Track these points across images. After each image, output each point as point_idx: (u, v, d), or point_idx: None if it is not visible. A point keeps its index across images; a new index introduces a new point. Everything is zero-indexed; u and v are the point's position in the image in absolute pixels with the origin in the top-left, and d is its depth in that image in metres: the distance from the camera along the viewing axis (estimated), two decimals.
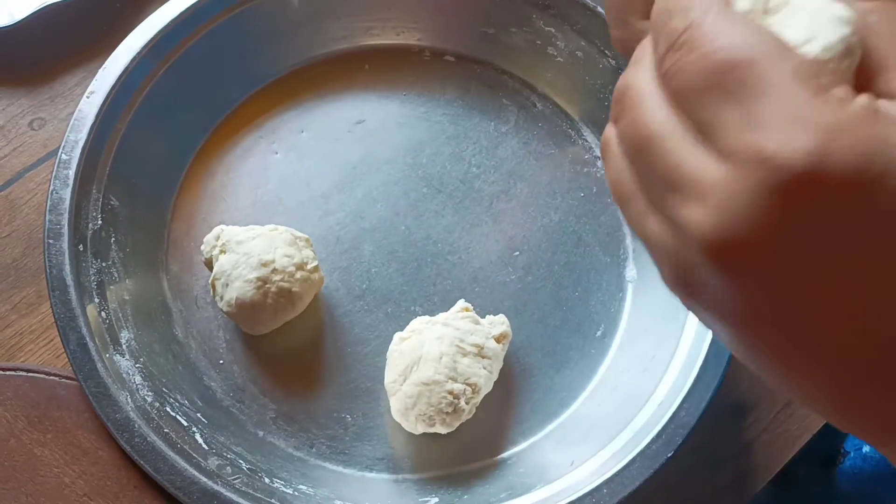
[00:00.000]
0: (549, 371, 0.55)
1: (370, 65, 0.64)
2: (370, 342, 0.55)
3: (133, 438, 0.48)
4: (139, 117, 0.57)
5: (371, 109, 0.63)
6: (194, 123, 0.61)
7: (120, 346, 0.51)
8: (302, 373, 0.55)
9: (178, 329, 0.55)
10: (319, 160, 0.61)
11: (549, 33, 0.62)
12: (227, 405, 0.53)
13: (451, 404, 0.50)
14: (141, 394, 0.50)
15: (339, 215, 0.59)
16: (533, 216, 0.60)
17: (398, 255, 0.58)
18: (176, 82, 0.59)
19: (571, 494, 0.48)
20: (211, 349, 0.55)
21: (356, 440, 0.53)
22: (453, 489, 0.51)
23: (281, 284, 0.52)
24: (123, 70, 0.57)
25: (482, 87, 0.64)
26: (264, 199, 0.59)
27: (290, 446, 0.53)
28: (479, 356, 0.51)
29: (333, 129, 0.62)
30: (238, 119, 0.62)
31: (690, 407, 0.49)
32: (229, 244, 0.53)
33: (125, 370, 0.51)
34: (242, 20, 0.61)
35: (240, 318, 0.53)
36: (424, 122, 0.61)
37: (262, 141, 0.61)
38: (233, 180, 0.60)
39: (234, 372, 0.54)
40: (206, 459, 0.49)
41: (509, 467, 0.52)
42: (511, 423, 0.54)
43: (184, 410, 0.51)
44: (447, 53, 0.65)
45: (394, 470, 0.53)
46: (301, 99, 0.63)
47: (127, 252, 0.55)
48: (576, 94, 0.63)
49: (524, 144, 0.62)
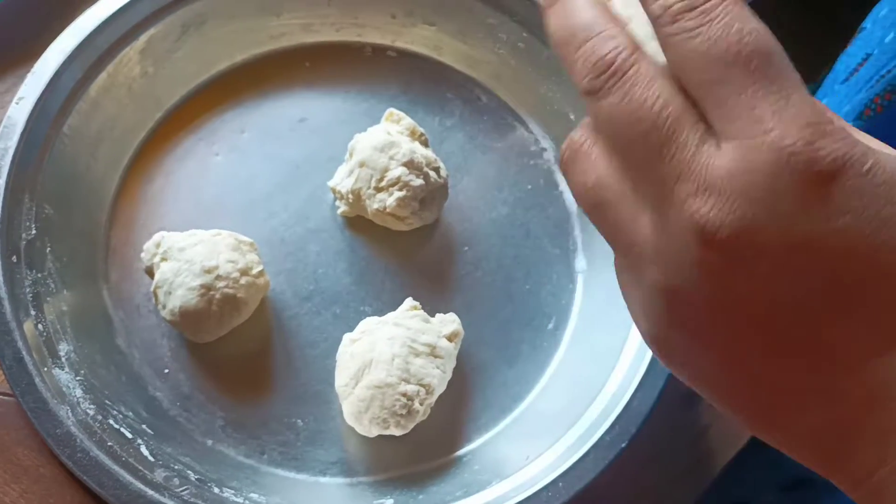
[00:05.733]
0: (501, 366, 0.55)
1: (310, 62, 0.63)
2: (319, 344, 0.54)
3: (75, 454, 0.46)
4: (71, 122, 0.55)
5: (313, 107, 0.62)
6: (130, 126, 0.59)
7: (59, 359, 0.50)
8: (250, 379, 0.54)
9: (121, 339, 0.54)
10: (261, 160, 0.60)
11: (490, 25, 0.62)
12: (174, 415, 0.52)
13: (405, 406, 0.49)
14: (82, 407, 0.48)
15: (283, 216, 0.58)
16: (481, 210, 0.59)
17: (345, 255, 0.57)
18: (109, 84, 0.57)
19: (527, 489, 0.48)
20: (155, 358, 0.54)
21: (308, 445, 0.52)
22: (409, 490, 0.51)
23: (225, 291, 0.51)
24: (54, 74, 0.55)
25: (425, 81, 0.63)
26: (206, 202, 0.58)
27: (240, 454, 0.51)
28: (432, 356, 0.51)
29: (275, 129, 0.61)
30: (176, 120, 0.60)
31: (643, 397, 0.49)
32: (170, 251, 0.52)
33: (65, 384, 0.49)
34: (176, 20, 0.59)
35: (184, 327, 0.52)
36: (368, 119, 0.60)
37: (202, 142, 0.60)
38: (172, 184, 0.58)
39: (180, 380, 0.53)
40: (153, 472, 0.47)
41: (465, 465, 0.52)
42: (465, 420, 0.54)
43: (128, 422, 0.50)
44: (388, 49, 0.64)
45: (348, 473, 0.52)
46: (241, 98, 0.62)
47: (64, 262, 0.54)
48: (519, 86, 0.63)
49: (470, 138, 0.62)
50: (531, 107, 0.63)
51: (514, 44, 0.62)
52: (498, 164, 0.61)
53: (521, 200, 0.60)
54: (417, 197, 0.55)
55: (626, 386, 0.50)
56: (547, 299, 0.57)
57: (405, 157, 0.55)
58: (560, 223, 0.59)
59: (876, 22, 0.56)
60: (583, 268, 0.58)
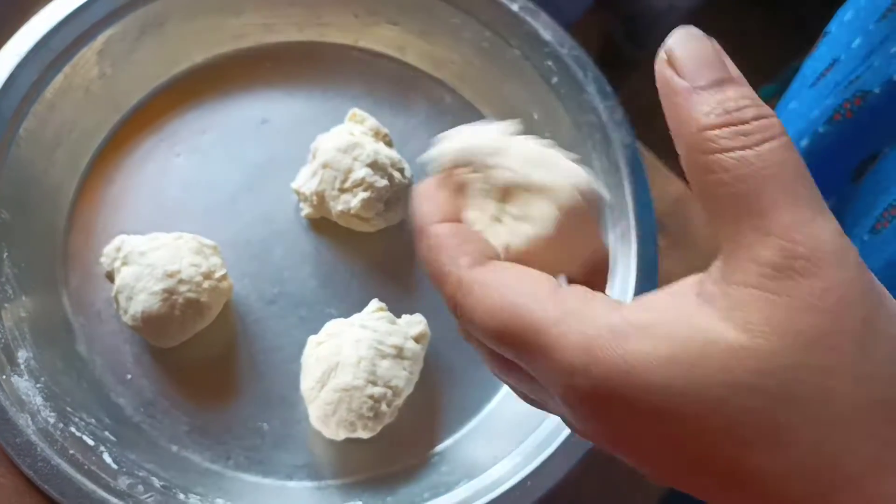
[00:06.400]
0: (468, 367, 0.55)
1: (272, 62, 0.63)
2: (284, 348, 0.54)
3: (36, 463, 0.45)
4: (27, 125, 0.54)
5: (275, 108, 0.61)
6: (88, 129, 0.58)
7: (18, 366, 0.49)
8: (215, 383, 0.53)
9: (82, 345, 0.53)
10: (224, 162, 0.59)
11: (454, 25, 0.62)
12: (137, 421, 0.51)
13: (372, 409, 0.49)
14: (43, 415, 0.47)
15: (246, 218, 0.57)
16: None
17: (310, 257, 0.57)
18: (66, 86, 0.56)
19: (496, 489, 0.48)
20: (117, 364, 0.53)
21: (274, 449, 0.52)
22: (377, 492, 0.50)
23: (188, 295, 0.50)
24: (8, 77, 0.54)
25: (389, 81, 0.63)
26: (167, 204, 0.57)
27: (205, 460, 0.51)
28: (399, 357, 0.50)
29: (237, 130, 0.60)
30: (136, 121, 0.60)
31: None
32: (131, 255, 0.51)
33: (24, 391, 0.48)
34: (134, 20, 0.58)
35: (147, 332, 0.51)
36: (331, 120, 0.59)
37: (163, 144, 0.59)
38: (133, 186, 0.58)
39: (143, 386, 0.52)
40: (116, 479, 0.47)
41: (433, 466, 0.52)
42: (433, 421, 0.53)
43: (90, 430, 0.49)
44: (352, 49, 0.64)
45: (315, 477, 0.51)
46: (202, 99, 0.61)
47: (22, 267, 0.52)
48: (483, 86, 0.63)
49: (433, 139, 0.61)
50: (495, 107, 0.63)
51: (477, 44, 0.62)
52: None
53: None
54: (382, 198, 0.55)
55: None
56: None
57: (369, 158, 0.54)
58: None
59: (841, 26, 0.57)
60: None
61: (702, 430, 0.22)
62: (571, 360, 0.23)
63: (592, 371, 0.23)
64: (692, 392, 0.22)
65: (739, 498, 0.23)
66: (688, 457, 0.23)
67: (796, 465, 0.21)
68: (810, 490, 0.21)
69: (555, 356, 0.24)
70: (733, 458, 0.22)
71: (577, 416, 0.25)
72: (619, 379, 0.23)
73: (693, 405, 0.22)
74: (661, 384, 0.22)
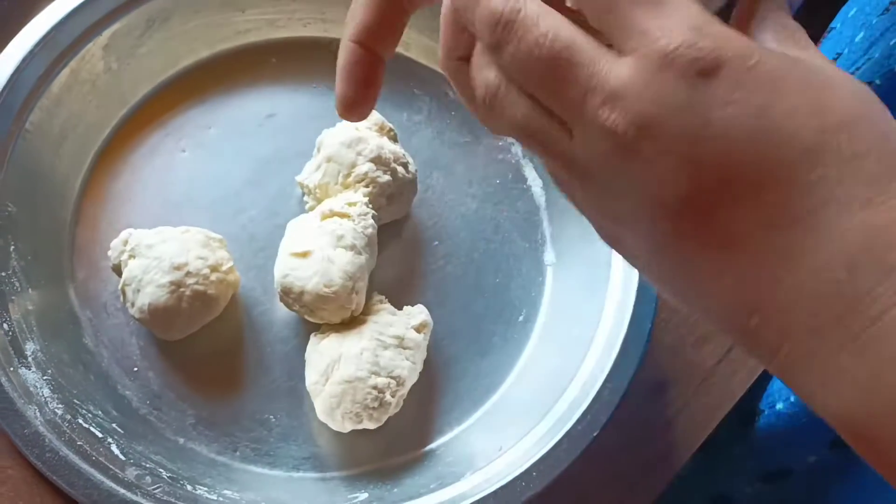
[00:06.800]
0: (473, 358, 0.55)
1: (277, 58, 0.63)
2: (290, 340, 0.54)
3: (44, 454, 0.46)
4: (34, 119, 0.55)
5: (281, 103, 0.62)
6: (94, 123, 0.58)
7: (25, 358, 0.49)
8: (221, 375, 0.53)
9: (88, 338, 0.53)
10: (229, 157, 0.59)
11: None
12: (144, 413, 0.52)
13: (376, 399, 0.49)
14: (50, 407, 0.48)
15: (252, 212, 0.58)
16: (450, 205, 0.60)
17: None
18: (72, 81, 0.57)
19: (501, 480, 0.48)
20: (124, 357, 0.53)
21: (281, 441, 0.52)
22: (382, 483, 0.51)
23: (195, 287, 0.50)
24: (14, 71, 0.54)
25: (393, 77, 0.63)
26: (173, 199, 0.57)
27: (212, 451, 0.51)
28: (401, 347, 0.51)
29: (243, 125, 0.61)
30: (142, 116, 0.60)
31: (614, 386, 0.50)
32: (138, 248, 0.51)
33: (32, 383, 0.48)
34: (140, 15, 0.59)
35: (153, 324, 0.51)
36: (336, 115, 0.59)
37: (169, 139, 0.59)
38: (139, 181, 0.58)
39: (150, 379, 0.53)
40: (124, 470, 0.47)
41: (438, 457, 0.52)
42: (438, 412, 0.54)
43: (97, 421, 0.49)
44: None
45: (321, 468, 0.52)
46: (207, 94, 0.61)
47: (28, 260, 0.53)
48: None
49: (438, 134, 0.62)
50: None
51: None
52: (466, 160, 0.61)
53: (490, 195, 0.60)
54: (384, 193, 0.55)
55: (596, 376, 0.51)
56: (517, 292, 0.58)
57: (373, 153, 0.55)
58: (529, 217, 0.60)
59: (845, 22, 0.57)
60: (552, 261, 0.59)
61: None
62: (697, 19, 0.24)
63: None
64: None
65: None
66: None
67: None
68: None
69: (687, 11, 0.24)
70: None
71: (704, 95, 0.24)
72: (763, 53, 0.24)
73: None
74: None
